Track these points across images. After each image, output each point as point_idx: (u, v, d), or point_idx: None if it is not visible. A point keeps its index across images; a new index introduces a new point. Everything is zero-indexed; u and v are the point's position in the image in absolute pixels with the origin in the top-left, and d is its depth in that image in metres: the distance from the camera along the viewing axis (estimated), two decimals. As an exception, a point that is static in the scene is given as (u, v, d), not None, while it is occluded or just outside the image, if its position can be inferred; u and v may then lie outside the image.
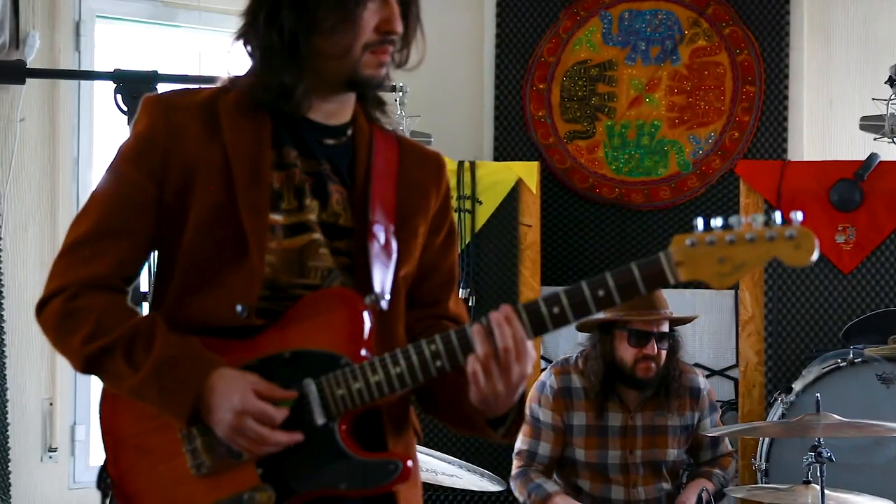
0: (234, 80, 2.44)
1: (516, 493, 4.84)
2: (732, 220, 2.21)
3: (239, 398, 2.28)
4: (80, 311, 2.37)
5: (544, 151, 6.41)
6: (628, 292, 2.28)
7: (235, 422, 2.28)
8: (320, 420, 2.34)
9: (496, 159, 6.38)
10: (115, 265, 2.40)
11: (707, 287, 2.38)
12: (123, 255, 2.40)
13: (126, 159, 2.42)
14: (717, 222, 2.22)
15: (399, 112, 4.98)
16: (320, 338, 2.35)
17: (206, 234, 2.37)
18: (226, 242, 2.36)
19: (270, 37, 2.39)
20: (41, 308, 2.42)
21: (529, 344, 2.31)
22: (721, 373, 6.02)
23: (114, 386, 2.39)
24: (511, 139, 6.46)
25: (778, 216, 2.19)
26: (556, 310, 2.30)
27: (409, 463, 2.35)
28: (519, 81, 6.46)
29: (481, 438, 2.51)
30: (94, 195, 2.43)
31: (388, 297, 2.41)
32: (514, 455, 4.88)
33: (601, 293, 2.29)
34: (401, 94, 4.98)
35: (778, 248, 2.19)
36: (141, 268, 2.47)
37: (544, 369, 5.19)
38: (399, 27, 2.39)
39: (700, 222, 2.24)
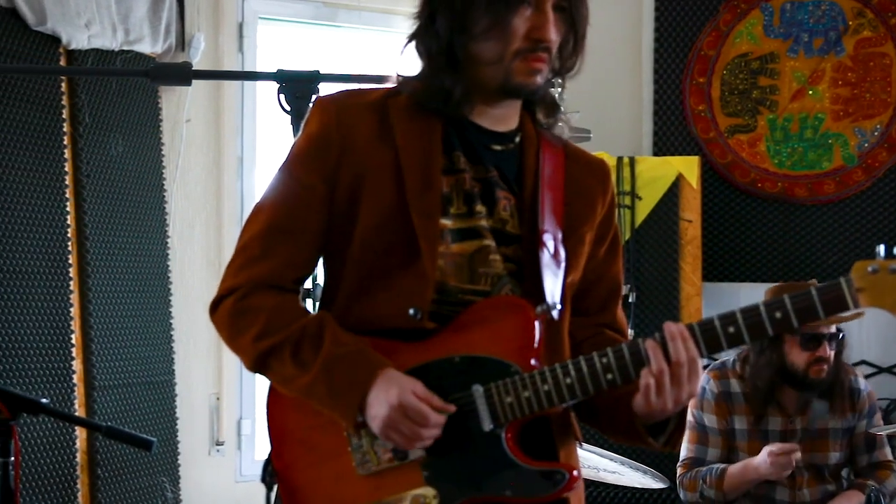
0: (404, 83, 2.45)
1: (685, 495, 4.78)
2: None
3: (396, 394, 2.29)
4: (250, 311, 2.40)
5: (704, 146, 6.34)
6: (806, 316, 2.26)
7: (390, 415, 2.29)
8: (488, 426, 2.34)
9: (656, 154, 6.33)
10: (286, 265, 2.42)
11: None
12: (294, 255, 2.43)
13: (298, 160, 2.44)
14: None
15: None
16: (491, 345, 2.35)
17: (377, 237, 2.38)
18: (396, 245, 2.37)
19: (430, 41, 2.40)
20: (215, 307, 2.46)
21: (701, 363, 2.30)
22: (889, 370, 5.89)
23: (282, 386, 2.42)
24: (671, 134, 6.41)
25: None
26: (731, 329, 2.28)
27: (575, 473, 2.34)
28: (678, 76, 6.40)
29: (669, 450, 2.48)
30: (266, 195, 2.46)
31: (559, 307, 2.41)
32: (678, 465, 4.82)
33: (779, 315, 2.26)
34: (559, 90, 4.97)
35: None
36: (312, 267, 2.49)
37: (705, 367, 5.13)
38: (550, 35, 2.35)
39: (882, 249, 2.20)
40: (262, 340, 2.38)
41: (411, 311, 2.35)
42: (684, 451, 4.81)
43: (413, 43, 2.43)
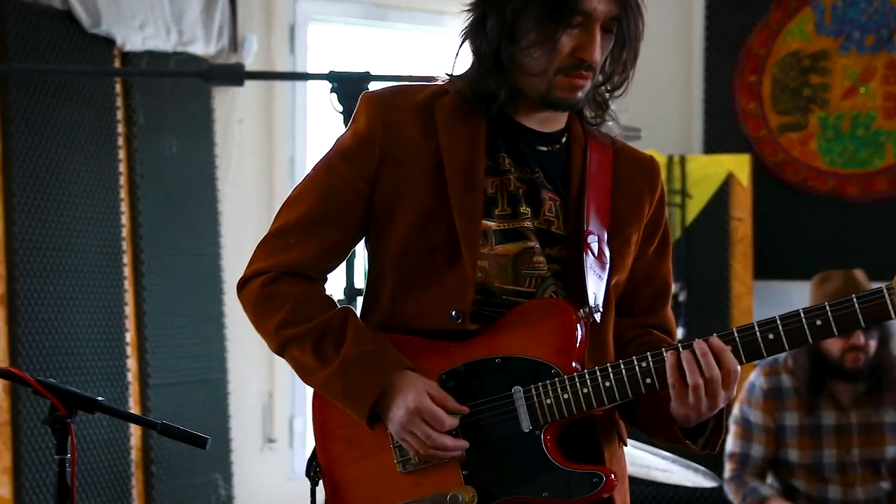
0: (452, 82, 2.46)
1: (730, 497, 4.78)
2: None
3: (413, 397, 2.32)
4: (277, 296, 2.43)
5: (755, 144, 6.31)
6: (847, 325, 2.27)
7: (406, 419, 2.33)
8: (526, 427, 2.35)
9: (706, 153, 6.31)
10: (317, 256, 2.45)
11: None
12: (326, 247, 2.45)
13: (341, 154, 2.46)
14: None
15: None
16: (532, 346, 2.37)
17: (418, 238, 2.40)
18: (438, 246, 2.39)
19: (479, 42, 2.41)
20: (242, 286, 2.50)
21: (738, 371, 2.30)
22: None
23: (302, 376, 2.45)
24: (721, 132, 6.38)
25: None
26: (770, 336, 2.29)
27: (613, 476, 2.35)
28: (729, 74, 6.38)
29: (709, 451, 2.49)
30: (306, 183, 2.48)
31: (601, 309, 2.41)
32: (725, 458, 4.82)
33: (818, 323, 2.27)
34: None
35: None
36: (341, 261, 2.51)
37: (756, 364, 5.12)
38: (595, 56, 2.36)
39: None
40: (286, 328, 2.41)
41: (453, 314, 2.37)
42: (730, 444, 4.80)
43: (464, 42, 2.44)
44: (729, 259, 5.77)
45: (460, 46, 2.45)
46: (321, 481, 2.48)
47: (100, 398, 2.44)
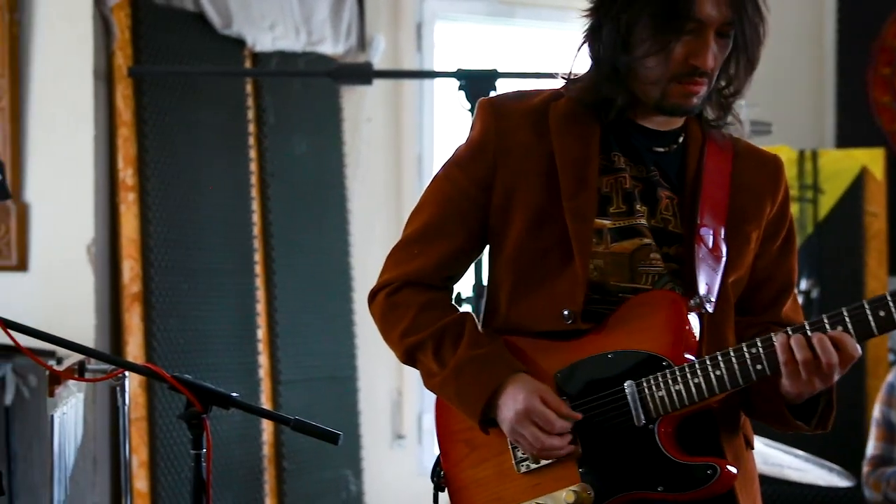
0: (568, 85, 2.47)
1: (870, 494, 4.69)
2: None
3: (523, 398, 2.34)
4: (400, 306, 2.48)
5: (889, 138, 6.20)
6: None
7: (516, 421, 2.34)
8: (639, 421, 2.35)
9: (838, 147, 6.21)
10: (437, 264, 2.49)
11: None
12: (446, 255, 2.49)
13: (457, 164, 2.50)
14: None
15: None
16: (644, 339, 2.36)
17: (531, 240, 2.42)
18: (550, 248, 2.41)
19: (595, 49, 2.42)
20: (371, 298, 2.56)
21: (857, 350, 2.26)
22: None
23: (425, 382, 2.49)
24: (854, 126, 6.27)
25: None
26: (882, 313, 2.25)
27: (730, 468, 2.33)
28: (862, 67, 6.26)
29: (821, 430, 2.45)
30: (426, 193, 2.53)
31: (713, 300, 2.39)
32: (864, 463, 4.72)
33: None
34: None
35: None
36: (464, 268, 2.56)
37: (893, 363, 5.03)
38: (708, 63, 2.34)
39: None
40: (408, 336, 2.46)
41: (565, 314, 2.38)
42: (870, 448, 4.71)
43: (583, 42, 2.45)
44: (863, 255, 5.66)
45: (578, 50, 2.46)
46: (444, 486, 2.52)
47: (234, 394, 2.47)
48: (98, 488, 4.52)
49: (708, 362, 2.31)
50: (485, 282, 3.82)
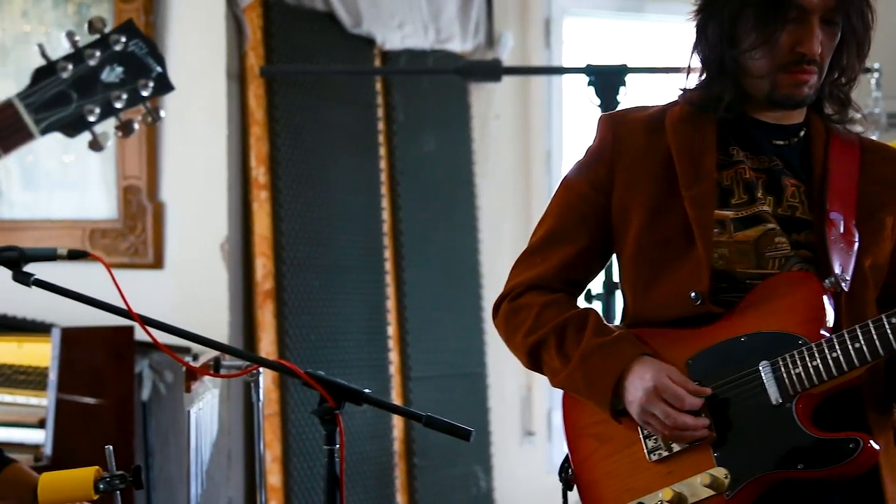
0: (682, 93, 2.49)
1: None
2: None
3: (651, 377, 2.33)
4: (522, 308, 2.51)
5: None
6: None
7: (645, 399, 2.33)
8: (776, 399, 2.31)
9: (978, 140, 6.06)
10: (559, 268, 2.51)
11: None
12: (567, 259, 2.50)
13: (577, 171, 2.53)
14: None
15: (874, 94, 4.80)
16: (778, 320, 2.34)
17: (651, 232, 2.43)
18: (672, 237, 2.40)
19: (703, 48, 2.44)
20: (495, 310, 2.59)
21: None
22: None
23: (552, 380, 2.49)
24: None
25: None
26: None
27: (873, 443, 2.28)
28: None
29: None
30: (548, 206, 2.57)
31: (848, 278, 2.36)
32: None
33: None
34: (877, 75, 4.78)
35: None
36: (588, 274, 2.58)
37: None
38: (815, 49, 2.34)
39: None
40: (531, 335, 2.48)
41: (692, 295, 2.36)
42: None
43: (692, 50, 2.47)
44: None
45: (690, 59, 2.47)
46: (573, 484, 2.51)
47: (367, 390, 2.48)
48: (233, 483, 4.59)
49: (846, 335, 2.28)
50: (615, 277, 3.82)
